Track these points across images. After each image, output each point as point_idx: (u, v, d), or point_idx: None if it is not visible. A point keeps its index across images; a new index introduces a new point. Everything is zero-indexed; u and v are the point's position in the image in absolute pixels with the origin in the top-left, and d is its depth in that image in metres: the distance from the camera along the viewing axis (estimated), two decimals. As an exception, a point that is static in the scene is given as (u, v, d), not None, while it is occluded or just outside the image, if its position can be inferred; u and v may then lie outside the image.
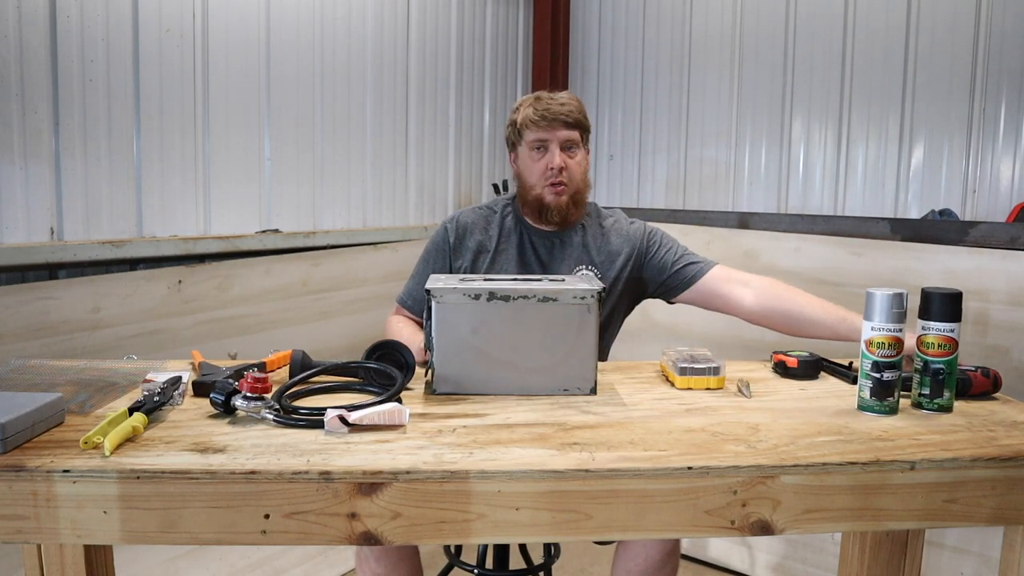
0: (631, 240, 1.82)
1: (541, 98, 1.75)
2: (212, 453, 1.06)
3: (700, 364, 1.45)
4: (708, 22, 3.66)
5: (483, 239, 1.80)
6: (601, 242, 1.82)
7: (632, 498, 1.04)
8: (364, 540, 1.02)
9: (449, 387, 1.38)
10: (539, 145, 1.74)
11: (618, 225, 1.85)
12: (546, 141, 1.73)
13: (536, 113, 1.72)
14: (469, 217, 1.84)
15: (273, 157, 2.82)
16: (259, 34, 2.73)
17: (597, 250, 1.80)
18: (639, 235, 1.83)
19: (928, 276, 2.49)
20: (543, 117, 1.71)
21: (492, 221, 1.82)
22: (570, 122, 1.72)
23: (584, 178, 1.78)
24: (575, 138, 1.74)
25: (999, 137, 2.97)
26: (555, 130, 1.72)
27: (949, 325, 1.30)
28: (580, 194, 1.77)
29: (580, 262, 1.79)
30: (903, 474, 1.08)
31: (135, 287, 2.29)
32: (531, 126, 1.73)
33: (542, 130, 1.72)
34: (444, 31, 3.56)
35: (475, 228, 1.81)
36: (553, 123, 1.71)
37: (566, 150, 1.74)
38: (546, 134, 1.72)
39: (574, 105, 1.74)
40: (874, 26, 3.19)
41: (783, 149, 3.47)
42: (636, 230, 1.84)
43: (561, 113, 1.71)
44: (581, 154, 1.77)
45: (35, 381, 1.37)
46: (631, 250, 1.81)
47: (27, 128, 2.14)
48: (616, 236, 1.82)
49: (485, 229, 1.81)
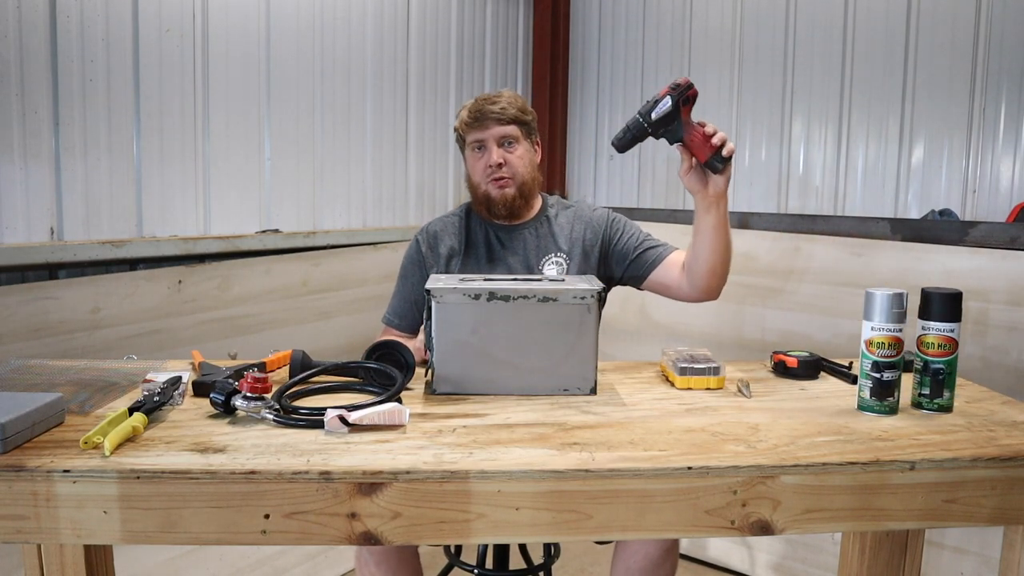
0: (595, 226, 1.84)
1: (477, 100, 1.80)
2: (212, 453, 1.06)
3: (700, 364, 1.45)
4: (708, 22, 3.66)
5: (452, 243, 1.84)
6: (567, 230, 1.84)
7: (632, 498, 1.04)
8: (364, 540, 1.02)
9: (449, 387, 1.38)
10: (478, 145, 1.79)
11: (581, 212, 1.87)
12: (483, 140, 1.77)
13: (470, 115, 1.78)
14: (437, 225, 1.88)
15: (273, 157, 2.82)
16: (259, 34, 2.73)
17: (564, 238, 1.83)
18: (603, 221, 1.85)
19: (928, 276, 2.49)
20: (475, 119, 1.76)
21: (459, 226, 1.86)
22: (504, 119, 1.75)
23: (530, 170, 1.81)
24: (512, 133, 1.77)
25: (999, 137, 2.97)
26: (489, 128, 1.76)
27: (949, 325, 1.30)
28: (526, 186, 1.80)
29: (548, 251, 1.82)
30: (903, 474, 1.08)
31: (135, 287, 2.29)
32: (467, 128, 1.79)
33: (477, 130, 1.77)
34: (444, 31, 3.56)
35: (444, 234, 1.85)
36: (485, 122, 1.75)
37: (504, 146, 1.77)
38: (481, 134, 1.77)
39: (509, 99, 1.78)
40: (874, 26, 3.19)
41: (783, 149, 3.47)
42: (599, 216, 1.86)
43: (493, 112, 1.75)
44: (522, 148, 1.80)
45: (35, 381, 1.37)
46: (595, 236, 1.83)
47: (27, 128, 2.14)
48: (580, 223, 1.84)
49: (453, 233, 1.85)
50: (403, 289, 1.86)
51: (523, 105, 1.81)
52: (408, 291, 1.85)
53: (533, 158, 1.84)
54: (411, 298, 1.84)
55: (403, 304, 1.85)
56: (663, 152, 3.85)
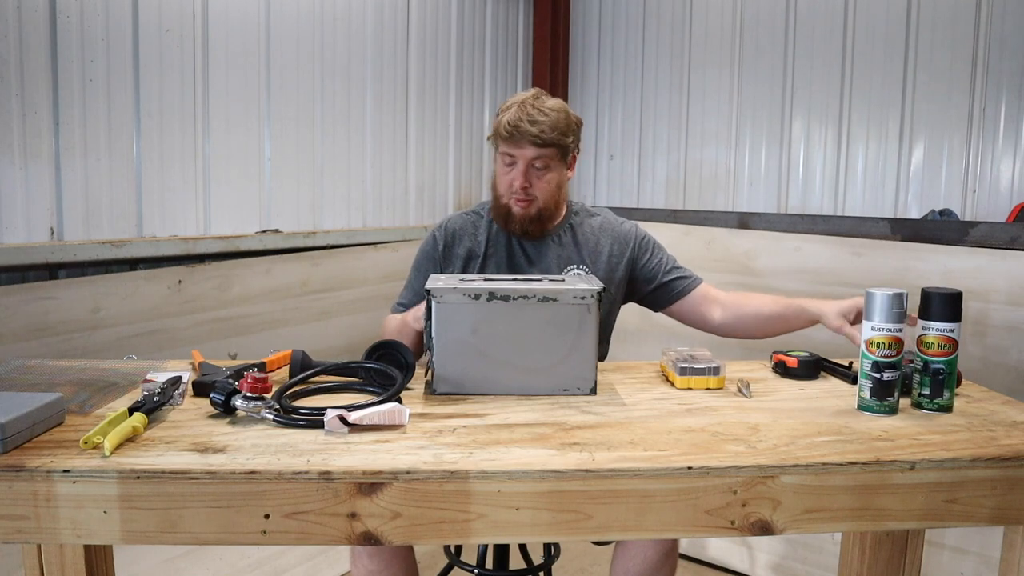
0: (623, 241, 1.81)
1: (524, 106, 1.66)
2: (212, 453, 1.06)
3: (700, 364, 1.45)
4: (708, 22, 3.66)
5: (472, 245, 1.79)
6: (591, 241, 1.81)
7: (632, 498, 1.04)
8: (364, 540, 1.03)
9: (449, 387, 1.38)
10: (509, 160, 1.70)
11: (608, 225, 1.83)
12: (515, 157, 1.68)
13: (507, 129, 1.65)
14: (457, 223, 1.81)
15: (273, 157, 2.82)
16: (259, 34, 2.73)
17: (587, 250, 1.80)
18: (631, 237, 1.82)
19: (928, 276, 2.49)
20: (512, 134, 1.64)
21: (480, 226, 1.81)
22: (541, 143, 1.64)
23: (554, 196, 1.73)
24: (547, 156, 1.67)
25: (999, 137, 2.97)
26: (522, 148, 1.65)
27: (949, 325, 1.30)
28: (548, 211, 1.73)
29: (570, 262, 1.78)
30: (903, 474, 1.08)
31: (135, 287, 2.29)
32: (501, 140, 1.68)
33: (511, 145, 1.66)
34: (444, 31, 3.56)
35: (464, 234, 1.80)
36: (521, 141, 1.64)
37: (534, 168, 1.69)
38: (514, 150, 1.67)
39: (551, 122, 1.65)
40: (874, 26, 3.19)
41: (783, 149, 3.47)
42: (628, 231, 1.82)
43: (531, 133, 1.63)
44: (553, 173, 1.70)
45: (35, 381, 1.37)
46: (622, 251, 1.80)
47: (27, 128, 2.14)
48: (606, 236, 1.81)
49: (474, 235, 1.80)
50: (415, 282, 1.81)
51: (566, 126, 1.68)
52: (420, 284, 1.76)
53: (563, 179, 1.75)
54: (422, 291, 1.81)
55: (415, 297, 1.79)
56: (663, 152, 3.85)
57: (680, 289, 1.78)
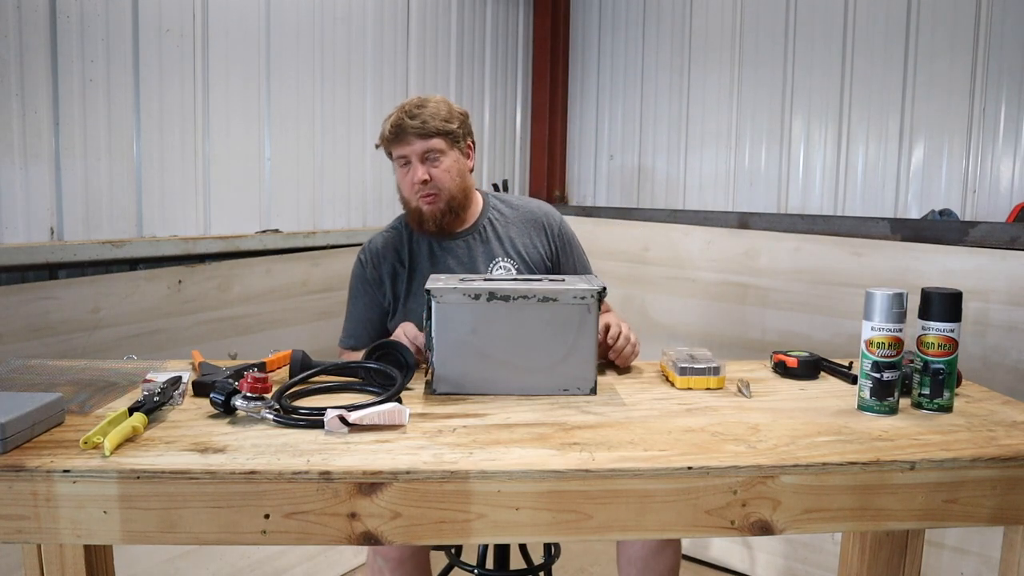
0: (542, 228, 1.83)
1: (399, 110, 1.70)
2: (212, 453, 1.06)
3: (700, 364, 1.45)
4: (708, 22, 3.66)
5: (394, 261, 1.79)
6: (515, 232, 1.82)
7: (632, 498, 1.04)
8: (364, 540, 1.03)
9: (449, 387, 1.38)
10: (403, 161, 1.72)
11: (529, 215, 1.84)
12: (406, 156, 1.70)
13: (391, 131, 1.69)
14: (379, 242, 1.81)
15: (273, 157, 2.82)
16: (259, 34, 2.73)
17: (509, 241, 1.81)
18: (553, 225, 1.84)
19: (928, 276, 2.49)
20: (395, 134, 1.68)
21: (400, 241, 1.80)
22: (426, 132, 1.67)
23: (459, 182, 1.73)
24: (436, 146, 1.69)
25: (999, 137, 2.97)
26: (410, 144, 1.68)
27: (949, 325, 1.30)
28: (455, 200, 1.74)
29: (494, 255, 1.79)
30: (903, 474, 1.08)
31: (135, 287, 2.29)
32: (389, 144, 1.71)
33: (399, 146, 1.69)
34: (444, 31, 3.56)
35: (386, 252, 1.79)
36: (406, 137, 1.67)
37: (429, 161, 1.70)
38: (403, 149, 1.69)
39: (430, 112, 1.68)
40: (874, 26, 3.19)
41: (783, 149, 3.46)
42: (552, 221, 1.84)
43: (413, 126, 1.66)
44: (449, 160, 1.71)
45: (35, 381, 1.37)
46: (544, 240, 1.83)
47: (27, 128, 2.14)
48: (525, 225, 1.83)
49: (396, 250, 1.79)
50: (354, 310, 1.81)
51: (448, 113, 1.71)
52: (360, 311, 1.80)
53: (463, 167, 1.76)
54: (363, 317, 1.79)
55: (356, 325, 1.81)
56: (663, 152, 3.85)
57: None
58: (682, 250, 3.14)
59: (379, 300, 1.79)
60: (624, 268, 3.19)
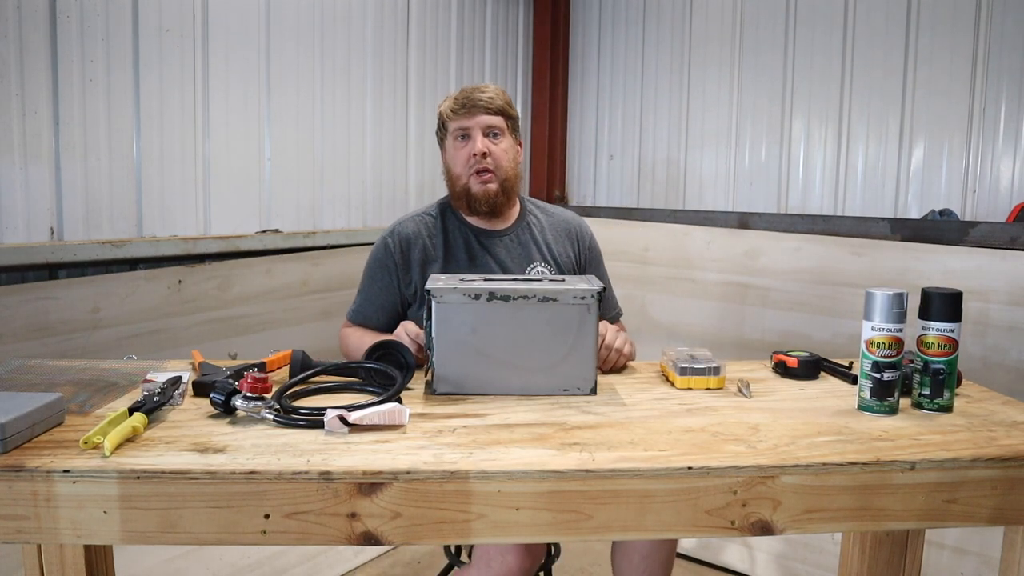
0: (574, 238, 1.86)
1: (464, 89, 1.76)
2: (212, 453, 1.06)
3: (700, 364, 1.45)
4: (708, 22, 3.66)
5: (427, 247, 1.75)
6: (551, 238, 1.83)
7: (632, 498, 1.04)
8: (364, 540, 1.02)
9: (449, 387, 1.38)
10: (462, 134, 1.73)
11: (565, 224, 1.87)
12: (468, 128, 1.72)
13: (456, 102, 1.73)
14: (409, 228, 1.77)
15: (273, 157, 2.82)
16: (259, 34, 2.73)
17: (547, 247, 1.81)
18: (585, 238, 1.87)
19: (928, 276, 2.49)
20: (463, 105, 1.72)
21: (434, 228, 1.78)
22: (492, 109, 1.72)
23: (513, 166, 1.76)
24: (498, 124, 1.73)
25: (999, 137, 2.97)
26: (475, 116, 1.72)
27: (949, 325, 1.30)
28: (509, 182, 1.75)
29: (532, 260, 1.79)
30: (903, 474, 1.08)
31: (135, 287, 2.29)
32: (452, 116, 1.74)
33: (463, 118, 1.72)
34: (444, 31, 3.56)
35: (417, 238, 1.76)
36: (473, 110, 1.71)
37: (489, 136, 1.73)
38: (467, 121, 1.72)
39: (497, 93, 1.75)
40: (874, 26, 3.18)
41: (783, 149, 3.46)
42: (584, 233, 1.87)
43: (482, 100, 1.71)
44: (507, 142, 1.75)
45: (35, 381, 1.37)
46: (576, 253, 1.85)
47: (27, 128, 2.14)
48: (563, 235, 1.85)
49: (429, 236, 1.77)
50: (369, 291, 1.78)
51: (509, 100, 1.78)
52: (375, 294, 1.77)
53: (517, 155, 1.79)
54: (377, 301, 1.76)
55: (368, 306, 1.78)
56: (663, 152, 3.85)
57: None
58: (682, 250, 3.14)
59: (397, 287, 1.76)
60: (624, 268, 3.18)
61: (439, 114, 1.78)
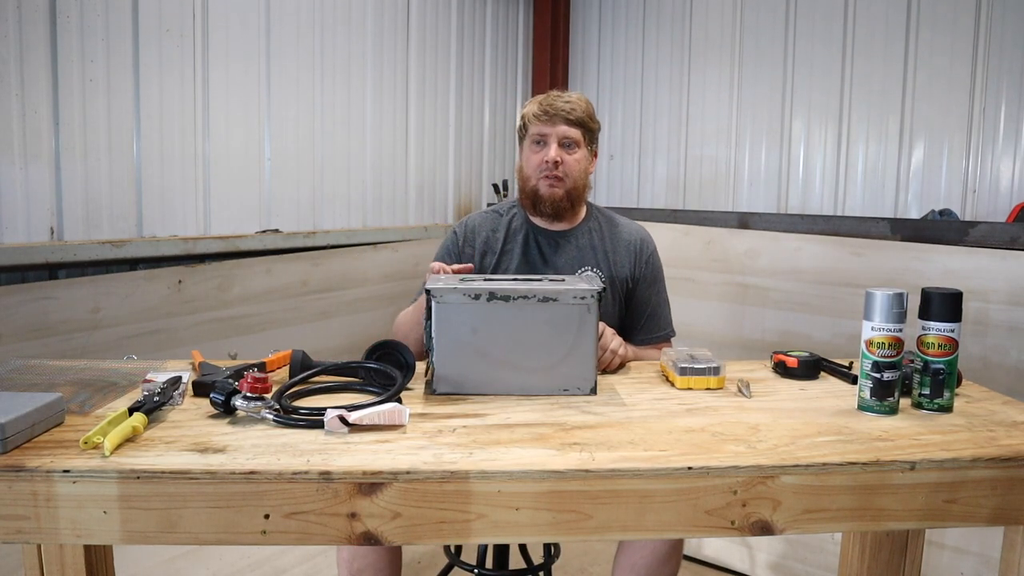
0: (636, 255, 1.85)
1: (550, 95, 1.79)
2: (212, 453, 1.06)
3: (700, 364, 1.45)
4: (708, 22, 3.66)
5: (489, 239, 1.83)
6: (609, 247, 1.84)
7: (632, 498, 1.04)
8: (364, 540, 1.02)
9: (449, 387, 1.38)
10: (539, 139, 1.78)
11: (629, 236, 1.87)
12: (546, 136, 1.76)
13: (540, 108, 1.76)
14: (476, 219, 1.87)
15: (273, 157, 2.82)
16: (259, 34, 2.73)
17: (603, 254, 1.82)
18: (645, 252, 1.86)
19: (928, 276, 2.49)
20: (545, 112, 1.75)
21: (499, 223, 1.86)
22: (572, 120, 1.75)
23: (582, 177, 1.80)
24: (575, 136, 1.76)
25: (999, 137, 2.97)
26: (555, 125, 1.75)
27: (949, 325, 1.30)
28: (577, 191, 1.79)
29: (584, 263, 1.81)
30: (903, 474, 1.08)
31: (135, 287, 2.29)
32: (534, 120, 1.78)
33: (543, 124, 1.76)
34: (444, 31, 3.56)
35: (482, 229, 1.85)
36: (554, 118, 1.75)
37: (565, 147, 1.76)
38: (546, 128, 1.76)
39: (580, 104, 1.77)
40: (874, 26, 3.19)
41: (783, 149, 3.46)
42: (645, 248, 1.87)
43: (563, 110, 1.74)
44: (581, 153, 1.79)
45: (35, 381, 1.37)
46: (633, 266, 1.84)
47: (27, 128, 2.14)
48: (624, 247, 1.85)
49: (493, 230, 1.85)
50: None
51: (592, 112, 1.80)
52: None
53: (588, 166, 1.82)
54: None
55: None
56: (663, 152, 3.85)
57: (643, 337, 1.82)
58: (682, 250, 3.14)
59: None
60: (624, 268, 3.18)
61: (522, 116, 1.82)
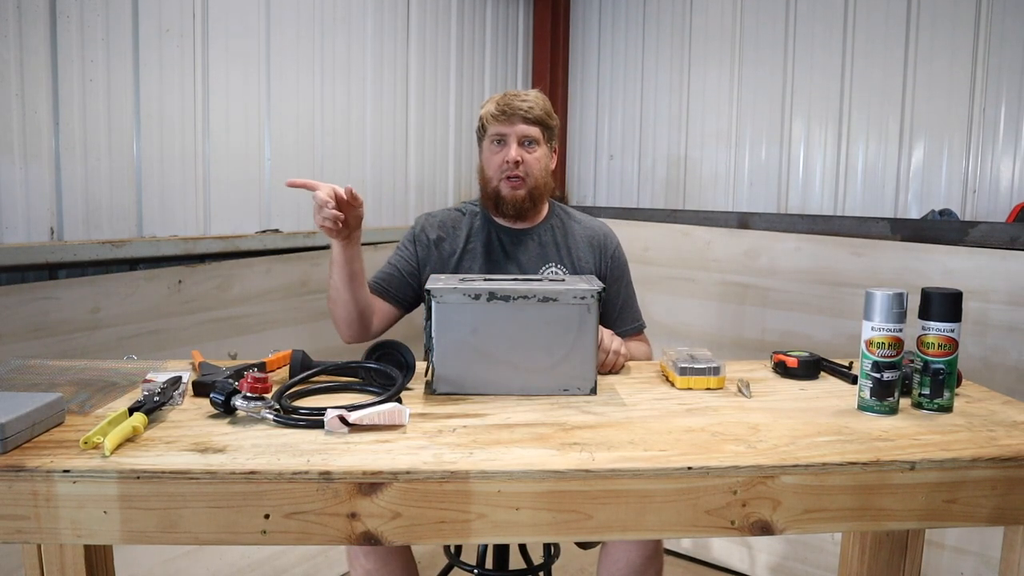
0: (600, 248, 1.86)
1: (507, 94, 1.79)
2: (212, 453, 1.06)
3: (700, 364, 1.45)
4: (708, 22, 3.66)
5: (451, 237, 1.83)
6: (571, 243, 1.85)
7: (632, 498, 1.04)
8: (364, 540, 1.02)
9: (449, 387, 1.38)
10: (498, 139, 1.78)
11: (590, 232, 1.87)
12: (505, 135, 1.76)
13: (497, 108, 1.76)
14: (438, 215, 1.89)
15: (273, 157, 2.82)
16: (259, 34, 2.73)
17: (566, 250, 1.83)
18: (609, 247, 1.87)
19: (928, 276, 2.49)
20: (503, 111, 1.75)
21: (460, 222, 1.86)
22: (530, 118, 1.75)
23: (543, 175, 1.80)
24: (534, 134, 1.76)
25: (999, 137, 2.97)
26: (514, 124, 1.75)
27: (949, 325, 1.30)
28: (538, 190, 1.80)
29: (547, 260, 1.82)
30: (903, 474, 1.08)
31: (135, 287, 2.29)
32: (492, 120, 1.77)
33: (501, 124, 1.76)
34: (444, 31, 3.56)
35: (443, 224, 1.85)
36: (512, 118, 1.74)
37: (524, 145, 1.76)
38: (505, 128, 1.76)
39: (538, 102, 1.77)
40: (874, 26, 3.19)
41: (783, 149, 3.46)
42: (608, 243, 1.87)
43: (521, 108, 1.74)
44: (541, 151, 1.79)
45: (35, 381, 1.37)
46: (597, 259, 1.85)
47: (27, 128, 2.14)
48: (584, 240, 1.86)
49: (453, 226, 1.85)
50: (393, 257, 1.86)
51: (550, 109, 1.81)
52: (397, 260, 1.84)
53: (549, 163, 1.83)
54: (398, 266, 1.83)
55: (389, 268, 1.84)
56: (663, 152, 3.85)
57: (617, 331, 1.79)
58: (682, 250, 3.14)
59: (413, 260, 1.83)
60: (624, 268, 3.18)
61: (480, 116, 1.82)
